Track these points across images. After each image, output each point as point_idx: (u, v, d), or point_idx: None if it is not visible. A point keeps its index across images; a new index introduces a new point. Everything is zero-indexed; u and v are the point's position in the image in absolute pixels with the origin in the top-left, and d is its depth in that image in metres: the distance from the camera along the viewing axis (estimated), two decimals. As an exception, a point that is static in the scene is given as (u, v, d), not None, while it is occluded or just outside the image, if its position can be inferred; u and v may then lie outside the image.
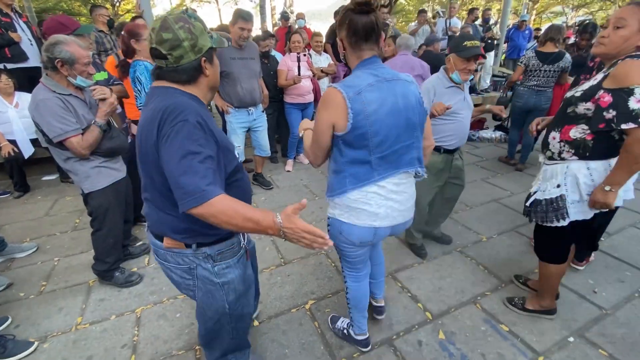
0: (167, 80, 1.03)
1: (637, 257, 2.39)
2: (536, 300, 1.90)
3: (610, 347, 1.71)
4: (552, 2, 20.69)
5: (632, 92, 1.29)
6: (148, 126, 0.97)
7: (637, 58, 1.33)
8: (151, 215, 1.11)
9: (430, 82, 2.08)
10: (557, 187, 1.56)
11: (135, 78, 2.31)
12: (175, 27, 0.96)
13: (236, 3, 18.51)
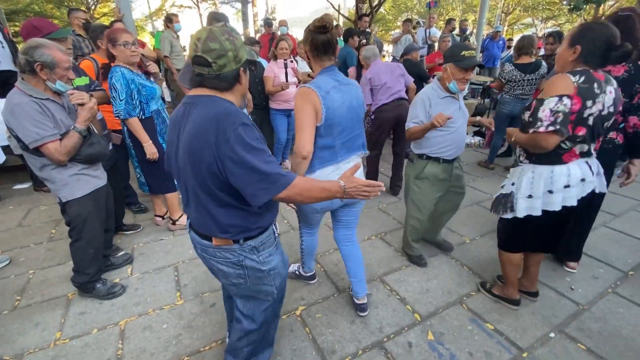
0: (208, 87, 1.11)
1: (609, 254, 2.53)
2: (501, 287, 2.09)
3: (588, 341, 1.80)
4: (523, 14, 21.81)
5: (542, 103, 1.50)
6: (201, 133, 1.03)
7: (567, 74, 1.50)
8: (199, 219, 1.19)
9: (425, 93, 2.07)
10: (512, 184, 1.78)
11: (111, 85, 2.26)
12: (221, 38, 1.04)
13: (218, 9, 18.40)
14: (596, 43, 1.47)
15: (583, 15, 16.86)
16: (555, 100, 1.46)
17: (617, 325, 1.91)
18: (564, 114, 1.46)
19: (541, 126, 1.49)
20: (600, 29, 1.50)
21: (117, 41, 2.25)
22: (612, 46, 1.46)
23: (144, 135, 2.42)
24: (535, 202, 1.67)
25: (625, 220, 3.02)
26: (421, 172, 2.16)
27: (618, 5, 16.91)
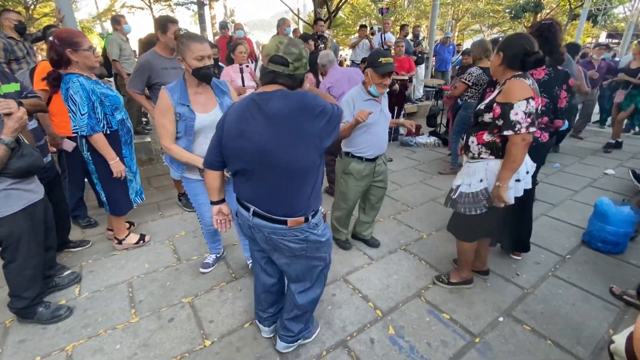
0: (279, 84, 1.30)
1: (549, 241, 2.77)
2: (457, 274, 2.23)
3: (532, 322, 1.96)
4: (472, 21, 23.35)
5: (512, 107, 1.64)
6: (298, 115, 1.23)
7: (518, 78, 1.69)
8: (276, 205, 1.35)
9: (350, 95, 2.24)
10: (480, 181, 1.85)
11: (67, 97, 2.03)
12: (301, 46, 1.30)
13: (172, 11, 17.72)
14: (514, 50, 1.70)
15: (523, 22, 18.42)
16: (525, 104, 1.62)
17: (557, 305, 2.09)
18: (534, 114, 1.64)
19: (522, 128, 1.63)
20: (517, 39, 1.73)
21: (82, 45, 2.05)
22: (528, 53, 1.68)
23: (111, 153, 2.21)
24: (510, 192, 1.80)
25: (562, 209, 3.32)
26: (346, 168, 2.33)
27: (553, 13, 18.68)
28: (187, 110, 1.84)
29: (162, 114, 1.83)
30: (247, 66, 3.62)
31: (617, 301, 2.11)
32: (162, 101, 1.82)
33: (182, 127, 1.86)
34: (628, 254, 2.59)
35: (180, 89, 1.84)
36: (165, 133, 1.85)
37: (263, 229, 1.39)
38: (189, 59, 1.76)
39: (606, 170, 4.34)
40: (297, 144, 1.23)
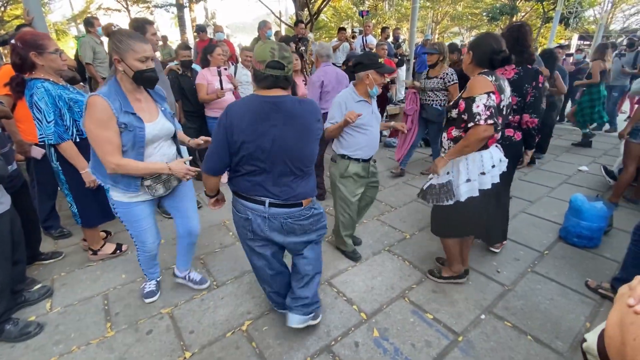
0: (281, 88, 1.46)
1: (527, 237, 2.83)
2: (448, 269, 2.29)
3: (513, 318, 1.99)
4: (451, 24, 23.91)
5: (474, 100, 1.73)
6: (309, 116, 1.50)
7: (482, 75, 1.79)
8: (293, 191, 1.54)
9: (341, 97, 2.24)
10: (447, 174, 1.97)
11: (32, 104, 1.93)
12: (289, 50, 1.45)
13: (151, 13, 17.35)
14: (482, 49, 1.81)
15: (500, 25, 18.99)
16: (485, 97, 1.71)
17: (536, 300, 2.13)
18: (493, 107, 1.71)
19: (480, 119, 1.70)
20: (485, 38, 1.84)
21: (47, 48, 1.95)
22: (495, 51, 1.78)
23: (82, 162, 2.11)
24: (473, 184, 1.91)
25: (539, 206, 3.41)
26: (345, 171, 2.30)
27: (527, 17, 19.34)
28: (133, 119, 1.60)
29: (102, 126, 1.52)
30: (225, 69, 3.57)
31: (593, 294, 2.17)
32: (100, 110, 1.51)
33: (128, 139, 1.60)
34: (602, 247, 2.68)
35: (118, 95, 1.58)
36: (111, 148, 1.55)
37: (279, 216, 1.56)
38: (130, 60, 1.55)
39: (580, 167, 4.50)
40: (310, 140, 1.52)
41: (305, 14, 10.03)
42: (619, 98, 6.42)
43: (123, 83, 1.62)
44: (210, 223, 3.11)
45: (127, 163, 1.60)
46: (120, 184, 1.70)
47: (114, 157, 1.57)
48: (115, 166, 1.58)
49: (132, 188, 1.72)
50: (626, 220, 2.99)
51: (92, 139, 1.56)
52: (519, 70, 2.16)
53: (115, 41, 1.54)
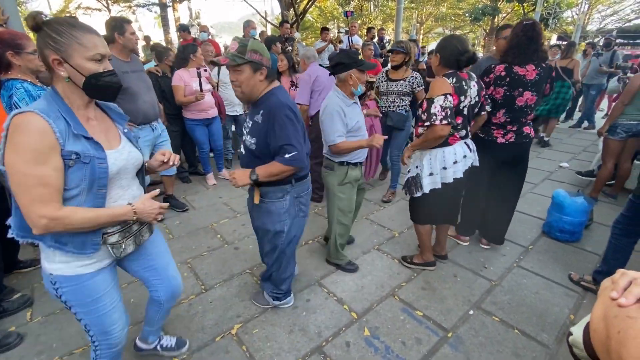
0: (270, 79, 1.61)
1: (513, 233, 2.89)
2: (419, 256, 2.44)
3: (500, 313, 2.03)
4: (435, 24, 24.27)
5: (432, 101, 1.87)
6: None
7: (443, 77, 1.92)
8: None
9: (335, 104, 2.07)
10: (416, 167, 2.13)
11: (12, 105, 1.85)
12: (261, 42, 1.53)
13: (133, 12, 16.96)
14: (447, 51, 1.93)
15: (482, 25, 19.40)
16: (442, 99, 1.85)
17: (522, 295, 2.18)
18: (449, 108, 1.85)
19: (437, 119, 1.85)
20: (450, 40, 1.97)
21: (25, 48, 1.89)
22: (460, 52, 1.89)
23: None
24: (436, 177, 2.07)
25: (523, 202, 3.48)
26: (344, 178, 2.22)
27: (508, 17, 19.81)
28: (88, 146, 1.07)
29: (36, 160, 0.97)
30: (205, 70, 3.50)
31: (576, 287, 2.23)
32: (36, 136, 0.96)
33: (81, 177, 1.06)
34: (584, 241, 2.76)
35: (62, 111, 1.05)
36: (45, 193, 0.99)
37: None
38: (79, 59, 1.04)
39: (561, 164, 4.63)
40: None
41: (291, 14, 10.00)
42: (596, 96, 6.63)
43: (67, 95, 1.07)
44: (197, 226, 3.06)
45: (70, 214, 1.03)
46: (70, 245, 1.11)
47: (46, 208, 0.99)
48: (47, 221, 0.99)
49: (89, 249, 1.14)
50: (606, 215, 3.09)
51: (15, 180, 0.97)
52: (539, 70, 2.14)
53: (51, 34, 1.01)
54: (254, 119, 1.63)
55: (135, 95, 2.68)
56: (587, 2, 18.84)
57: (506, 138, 2.27)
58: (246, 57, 1.49)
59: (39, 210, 0.99)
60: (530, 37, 2.10)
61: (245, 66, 1.51)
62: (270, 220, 1.75)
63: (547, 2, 14.92)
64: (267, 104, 1.57)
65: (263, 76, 1.56)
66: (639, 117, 3.12)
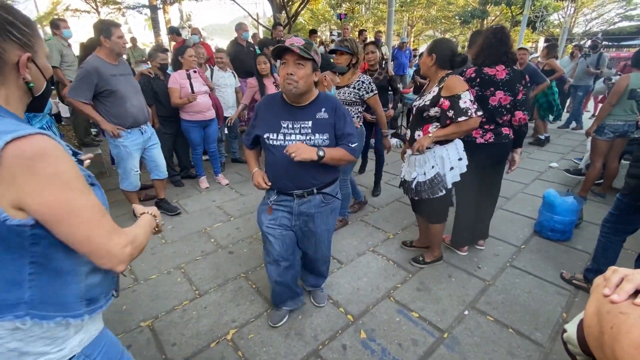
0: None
1: (505, 233, 2.93)
2: (430, 253, 2.48)
3: (495, 313, 2.04)
4: (425, 27, 24.56)
5: (460, 97, 1.91)
6: None
7: (453, 75, 2.00)
8: None
9: None
10: (432, 167, 2.11)
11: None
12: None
13: (123, 15, 16.78)
14: (445, 52, 1.99)
15: (472, 28, 19.69)
16: (468, 94, 1.93)
17: (515, 294, 2.20)
18: (476, 102, 1.95)
19: (472, 113, 1.91)
20: (446, 42, 2.05)
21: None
22: (454, 54, 1.99)
23: None
24: (456, 171, 2.11)
25: (515, 202, 3.54)
26: None
27: (497, 19, 20.16)
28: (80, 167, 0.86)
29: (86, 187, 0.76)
30: (194, 71, 3.47)
31: (567, 285, 2.27)
32: (69, 160, 0.73)
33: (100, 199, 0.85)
34: (574, 240, 2.81)
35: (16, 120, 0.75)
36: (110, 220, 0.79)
37: None
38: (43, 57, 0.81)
39: (551, 164, 4.71)
40: None
41: (283, 16, 10.02)
42: (583, 97, 6.77)
43: (15, 106, 0.78)
44: (191, 230, 3.03)
45: (132, 231, 0.87)
46: (102, 297, 0.88)
47: (122, 233, 0.81)
48: (131, 249, 0.81)
49: (109, 294, 0.93)
50: (595, 214, 3.15)
51: (79, 220, 0.72)
52: (509, 70, 2.22)
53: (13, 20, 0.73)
54: (315, 117, 1.58)
55: (124, 98, 2.65)
56: (572, 6, 19.28)
57: (485, 138, 2.29)
58: (311, 54, 1.47)
59: (120, 240, 0.79)
60: (499, 39, 2.19)
61: (309, 62, 1.49)
62: (334, 216, 1.82)
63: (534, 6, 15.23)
64: (328, 102, 1.62)
65: (317, 78, 1.57)
66: (625, 118, 3.19)
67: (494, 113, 2.25)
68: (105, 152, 4.77)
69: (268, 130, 1.59)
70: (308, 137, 1.56)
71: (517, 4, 16.79)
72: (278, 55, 1.52)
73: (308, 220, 1.75)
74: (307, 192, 1.66)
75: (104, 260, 0.77)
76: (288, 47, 1.43)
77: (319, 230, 1.79)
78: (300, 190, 1.65)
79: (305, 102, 1.59)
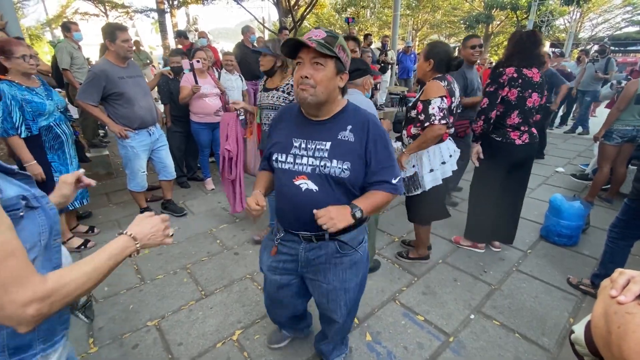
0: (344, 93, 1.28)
1: (511, 237, 2.91)
2: (415, 251, 2.58)
3: (501, 317, 2.03)
4: (430, 31, 24.60)
5: (429, 102, 2.01)
6: None
7: (436, 80, 2.05)
8: None
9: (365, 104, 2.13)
10: (413, 167, 2.21)
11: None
12: None
13: (131, 18, 17.02)
14: (442, 56, 2.07)
15: (476, 33, 19.69)
16: (439, 100, 2.00)
17: (522, 299, 2.19)
18: (445, 109, 2.02)
19: (435, 120, 2.00)
20: (442, 46, 2.13)
21: (14, 53, 2.15)
22: (451, 58, 2.07)
23: (26, 155, 2.27)
24: (437, 173, 2.20)
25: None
26: None
27: (502, 25, 20.14)
28: (22, 184, 0.73)
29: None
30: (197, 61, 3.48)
31: (574, 291, 2.25)
32: None
33: (35, 229, 0.70)
34: (581, 245, 2.79)
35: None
36: (15, 268, 0.60)
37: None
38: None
39: (557, 169, 4.69)
40: None
41: (288, 20, 10.10)
42: (591, 102, 6.74)
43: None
44: (197, 231, 3.05)
45: (60, 279, 0.66)
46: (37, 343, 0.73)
47: (28, 286, 0.61)
48: (39, 305, 0.62)
49: (59, 332, 0.79)
50: (602, 219, 3.13)
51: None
52: (541, 73, 2.29)
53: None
54: (336, 138, 1.18)
55: (132, 100, 2.70)
56: (578, 11, 19.23)
57: (522, 139, 2.31)
58: (335, 50, 1.10)
59: (21, 294, 0.59)
60: (533, 42, 2.22)
61: (330, 61, 1.12)
62: (355, 272, 1.34)
63: (540, 10, 15.21)
64: (357, 117, 1.21)
65: (343, 82, 1.19)
66: (633, 123, 3.18)
67: (528, 114, 2.29)
68: (113, 153, 4.83)
69: (278, 149, 1.25)
70: (322, 164, 1.17)
71: (522, 9, 16.77)
72: (292, 54, 1.16)
73: (318, 271, 1.34)
74: (316, 237, 1.26)
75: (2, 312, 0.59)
76: (303, 42, 1.07)
77: (331, 287, 1.34)
78: (308, 233, 1.26)
79: (326, 115, 1.21)
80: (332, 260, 1.30)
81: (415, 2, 20.62)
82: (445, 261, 2.59)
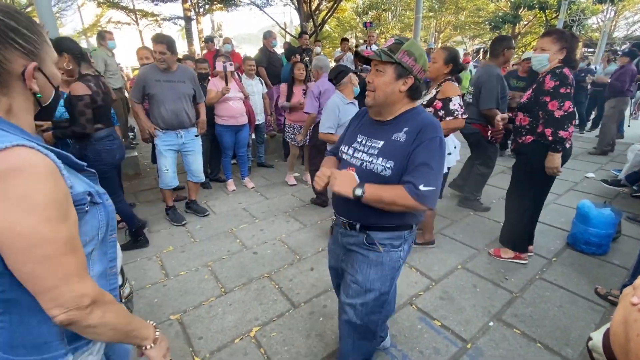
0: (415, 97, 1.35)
1: (535, 244, 2.77)
2: (421, 236, 2.76)
3: (522, 326, 1.98)
4: (454, 33, 24.13)
5: (450, 100, 2.32)
6: None
7: (450, 81, 2.39)
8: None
9: (333, 103, 2.75)
10: None
11: None
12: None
13: (159, 26, 17.79)
14: (457, 61, 2.41)
15: (502, 34, 19.11)
16: (459, 98, 2.34)
17: (545, 308, 2.12)
18: (462, 106, 2.35)
19: (459, 114, 2.33)
20: (456, 52, 2.44)
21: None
22: (460, 63, 2.44)
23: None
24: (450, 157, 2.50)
25: (546, 213, 3.39)
26: None
27: (530, 25, 19.45)
28: (86, 178, 0.77)
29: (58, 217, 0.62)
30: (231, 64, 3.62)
31: (602, 301, 2.15)
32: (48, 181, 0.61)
33: (96, 224, 0.74)
34: (611, 254, 2.66)
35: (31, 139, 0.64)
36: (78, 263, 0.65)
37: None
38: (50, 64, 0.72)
39: (587, 174, 4.48)
40: None
41: (309, 24, 10.22)
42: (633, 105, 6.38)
43: (18, 117, 0.68)
44: (218, 230, 3.15)
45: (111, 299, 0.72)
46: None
47: (87, 282, 0.67)
48: (92, 303, 0.65)
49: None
50: (635, 228, 2.97)
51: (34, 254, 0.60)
52: (574, 74, 2.40)
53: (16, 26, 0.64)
54: (390, 138, 1.25)
55: (160, 102, 2.87)
56: (613, 9, 18.28)
57: (570, 142, 2.29)
58: (395, 57, 1.17)
59: (78, 287, 0.64)
60: (577, 43, 2.27)
61: (390, 67, 1.19)
62: (380, 276, 1.34)
63: (570, 9, 14.59)
64: (417, 121, 1.23)
65: (406, 87, 1.22)
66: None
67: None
68: (141, 155, 5.06)
69: (346, 141, 1.40)
70: (370, 160, 1.27)
71: (551, 8, 16.14)
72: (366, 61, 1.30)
73: (349, 260, 1.43)
74: (350, 225, 1.36)
75: (48, 305, 0.62)
76: (360, 54, 1.27)
77: (354, 279, 1.38)
78: (345, 219, 1.37)
79: (387, 116, 1.29)
80: (359, 250, 1.38)
81: (437, 4, 20.31)
82: (465, 267, 2.54)
